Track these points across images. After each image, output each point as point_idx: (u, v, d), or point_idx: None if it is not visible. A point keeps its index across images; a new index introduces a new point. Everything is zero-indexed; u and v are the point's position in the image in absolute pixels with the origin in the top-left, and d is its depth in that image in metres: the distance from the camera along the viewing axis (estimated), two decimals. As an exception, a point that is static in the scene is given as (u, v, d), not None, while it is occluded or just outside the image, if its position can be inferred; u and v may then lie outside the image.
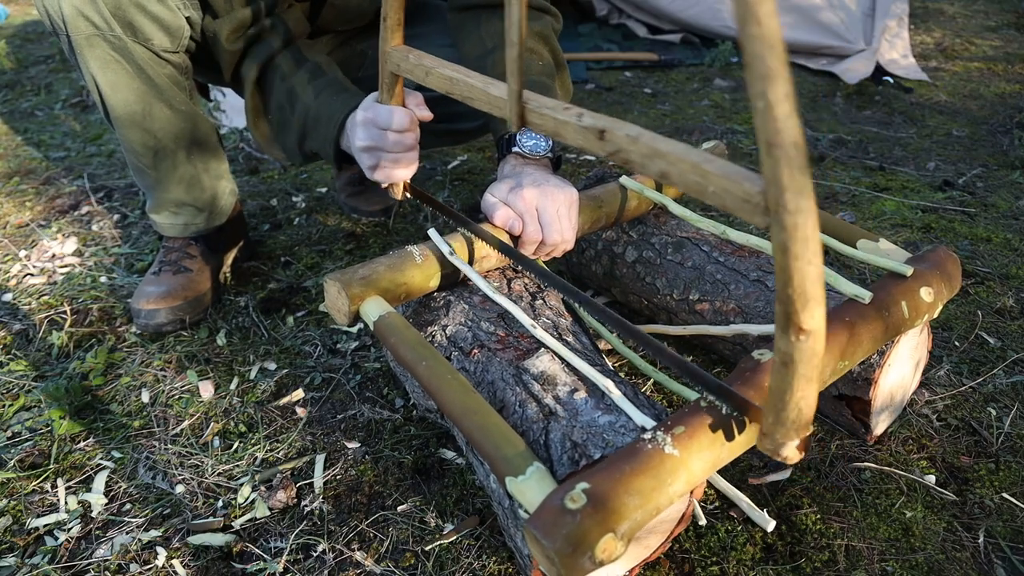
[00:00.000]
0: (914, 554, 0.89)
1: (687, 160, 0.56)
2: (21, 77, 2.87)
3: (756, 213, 0.50)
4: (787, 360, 0.54)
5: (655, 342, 0.78)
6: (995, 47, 3.15)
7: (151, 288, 1.33)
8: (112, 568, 0.91)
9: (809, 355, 0.53)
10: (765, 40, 0.42)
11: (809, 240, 0.47)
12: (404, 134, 1.00)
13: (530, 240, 1.01)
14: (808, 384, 0.55)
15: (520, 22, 0.67)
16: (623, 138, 0.61)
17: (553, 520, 0.59)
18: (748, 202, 0.51)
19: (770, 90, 0.43)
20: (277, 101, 1.17)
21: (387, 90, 0.99)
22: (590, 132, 0.64)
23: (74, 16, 1.06)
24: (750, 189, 0.50)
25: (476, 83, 0.80)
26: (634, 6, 3.24)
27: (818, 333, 0.51)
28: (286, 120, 1.17)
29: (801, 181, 0.45)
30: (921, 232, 1.62)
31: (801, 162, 0.45)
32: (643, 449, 0.65)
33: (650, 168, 0.59)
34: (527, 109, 0.72)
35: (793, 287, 0.49)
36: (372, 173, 1.05)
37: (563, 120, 0.68)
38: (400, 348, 0.83)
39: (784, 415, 0.58)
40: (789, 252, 0.47)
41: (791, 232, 0.47)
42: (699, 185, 0.55)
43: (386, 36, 0.92)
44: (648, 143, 0.59)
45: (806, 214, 0.46)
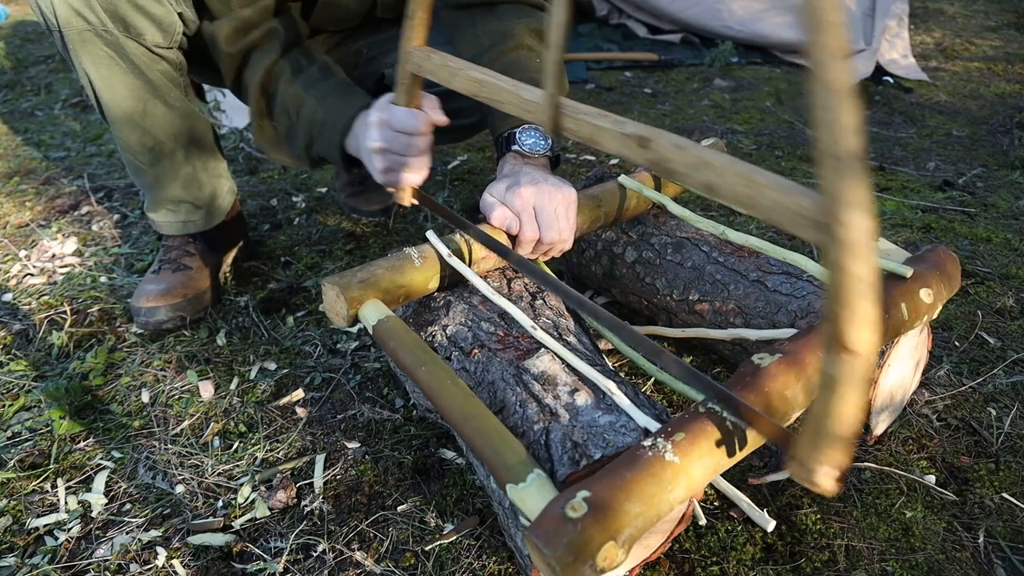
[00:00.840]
0: (914, 554, 0.89)
1: (736, 171, 0.54)
2: (21, 77, 2.87)
3: (809, 228, 0.49)
4: (830, 383, 0.51)
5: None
6: (995, 47, 3.15)
7: (151, 286, 1.33)
8: (112, 568, 0.91)
9: (857, 377, 0.50)
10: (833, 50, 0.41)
11: (865, 257, 0.45)
12: (418, 137, 0.98)
13: (527, 239, 1.01)
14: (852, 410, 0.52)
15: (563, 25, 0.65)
16: (668, 147, 0.59)
17: (554, 528, 0.59)
18: (802, 216, 0.49)
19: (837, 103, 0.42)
20: (282, 106, 1.15)
21: (405, 91, 0.95)
22: (631, 140, 0.62)
23: (67, 13, 1.06)
24: (805, 204, 0.49)
25: (507, 86, 0.78)
26: (634, 6, 3.24)
27: (867, 356, 0.49)
28: (292, 125, 1.16)
29: (861, 196, 0.44)
30: (921, 232, 1.62)
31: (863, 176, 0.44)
32: (643, 456, 0.64)
33: (695, 179, 0.57)
34: (563, 114, 0.70)
35: (845, 305, 0.47)
36: (383, 176, 1.03)
37: (600, 127, 0.65)
38: (400, 352, 0.83)
39: (823, 441, 0.55)
40: (844, 270, 0.46)
41: (848, 249, 0.45)
42: (749, 198, 0.53)
43: (409, 35, 0.88)
44: (694, 153, 0.57)
45: (863, 230, 0.45)
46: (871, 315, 0.47)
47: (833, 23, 0.41)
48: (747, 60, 2.94)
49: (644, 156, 0.61)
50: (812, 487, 0.58)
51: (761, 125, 2.32)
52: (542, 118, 0.71)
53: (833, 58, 0.41)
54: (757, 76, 2.78)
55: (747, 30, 2.93)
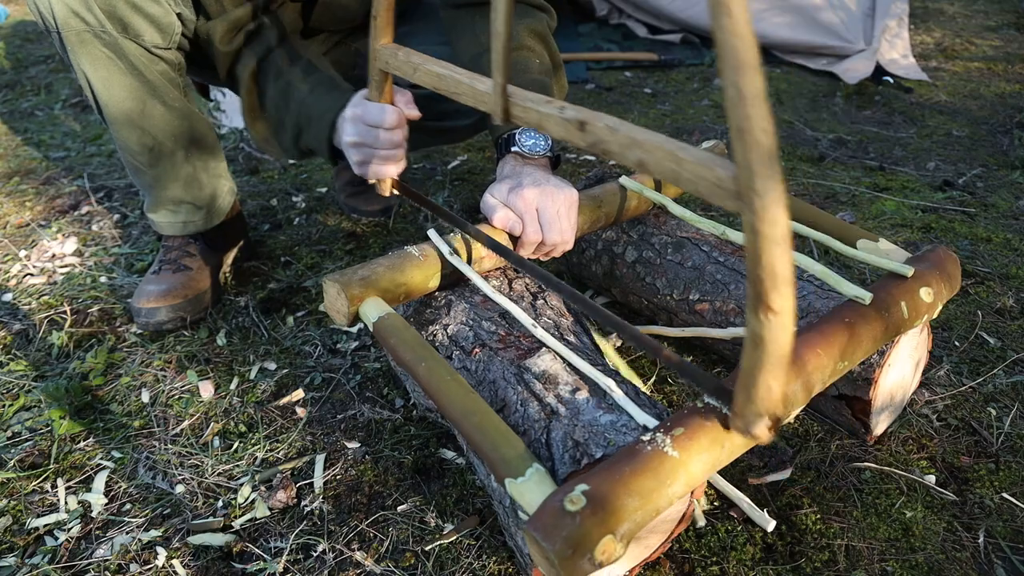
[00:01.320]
0: (914, 554, 0.89)
1: (662, 148, 0.58)
2: (21, 77, 2.87)
3: (728, 198, 0.52)
4: (757, 339, 0.55)
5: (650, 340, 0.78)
6: (995, 47, 3.15)
7: (151, 287, 1.33)
8: (112, 568, 0.91)
9: (778, 334, 0.54)
10: (736, 30, 0.44)
11: (778, 222, 0.49)
12: (392, 131, 1.02)
13: (529, 241, 1.01)
14: (778, 363, 0.56)
15: (506, 14, 0.69)
16: (602, 129, 0.63)
17: (553, 522, 0.59)
18: (720, 187, 0.53)
19: (741, 78, 0.45)
20: (272, 99, 1.18)
21: (376, 87, 1.00)
22: (571, 124, 0.66)
23: (65, 14, 1.06)
24: (722, 175, 0.52)
25: (463, 79, 0.82)
26: (634, 6, 3.24)
27: (787, 313, 0.52)
28: (281, 118, 1.18)
29: (770, 165, 0.47)
30: (921, 232, 1.62)
31: (770, 147, 0.47)
32: (642, 451, 0.65)
33: (628, 157, 0.61)
34: (511, 103, 0.74)
35: (763, 267, 0.50)
36: (359, 169, 1.07)
37: (545, 113, 0.70)
38: (400, 349, 0.83)
39: (754, 393, 0.59)
40: (759, 233, 0.49)
41: (760, 214, 0.48)
42: (674, 172, 0.57)
43: (375, 34, 0.93)
44: (626, 133, 0.61)
45: (775, 197, 0.48)
46: (787, 275, 0.51)
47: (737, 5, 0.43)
48: (747, 60, 2.94)
49: (583, 139, 0.65)
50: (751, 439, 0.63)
51: (761, 125, 2.31)
52: (493, 107, 0.75)
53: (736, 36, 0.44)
54: (757, 76, 2.78)
55: (747, 30, 2.93)
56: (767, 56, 2.96)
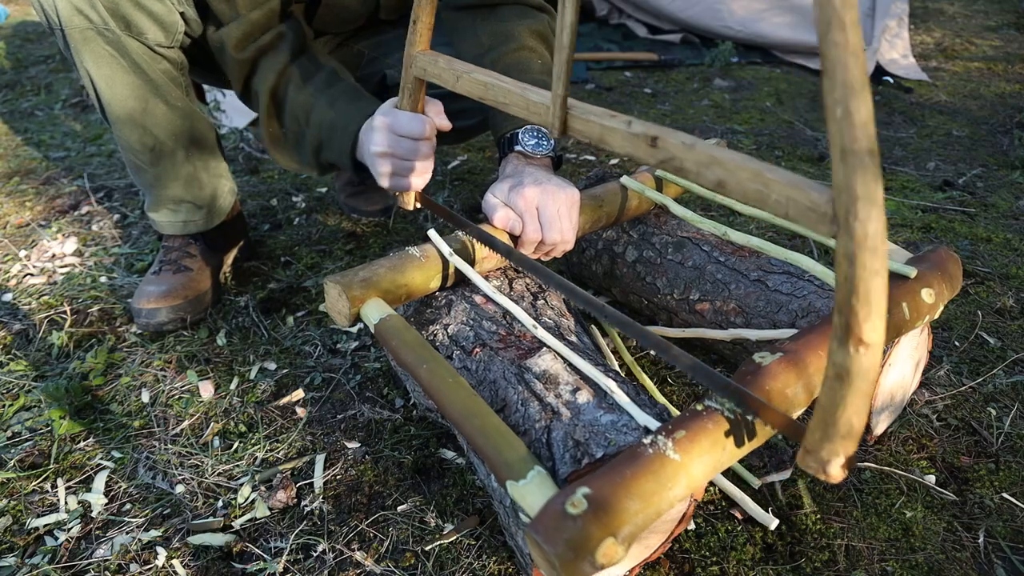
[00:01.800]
0: (914, 554, 0.89)
1: (747, 168, 0.54)
2: (21, 77, 2.87)
3: (823, 222, 0.50)
4: (842, 373, 0.52)
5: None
6: (995, 47, 3.15)
7: (151, 287, 1.33)
8: (112, 568, 0.91)
9: (867, 369, 0.51)
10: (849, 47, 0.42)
11: (879, 251, 0.46)
12: (421, 142, 0.99)
13: (529, 240, 1.01)
14: (862, 400, 0.53)
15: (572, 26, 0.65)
16: (677, 146, 0.59)
17: (554, 525, 0.59)
18: (814, 211, 0.50)
19: (851, 98, 0.43)
20: (291, 113, 1.15)
21: (409, 95, 0.96)
22: (640, 139, 0.63)
23: (69, 12, 1.07)
24: (817, 198, 0.50)
25: (513, 89, 0.78)
26: (634, 6, 3.24)
27: (877, 347, 0.50)
28: (301, 132, 1.16)
29: (874, 190, 0.45)
30: (921, 232, 1.62)
31: (876, 172, 0.45)
32: (644, 453, 0.65)
33: (706, 177, 0.58)
34: (571, 115, 0.70)
35: (858, 297, 0.48)
36: (384, 180, 1.03)
37: (610, 127, 0.66)
38: (401, 351, 0.83)
39: (834, 431, 0.55)
40: (857, 262, 0.47)
41: (861, 241, 0.46)
42: (760, 194, 0.54)
43: (413, 39, 0.89)
44: (704, 151, 0.58)
45: (877, 224, 0.46)
46: (883, 308, 0.48)
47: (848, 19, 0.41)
48: (747, 60, 2.94)
49: (654, 155, 0.62)
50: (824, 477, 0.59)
51: (761, 125, 2.32)
52: (550, 120, 0.72)
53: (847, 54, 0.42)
54: (757, 76, 2.78)
55: (747, 30, 2.93)
56: (767, 56, 2.97)
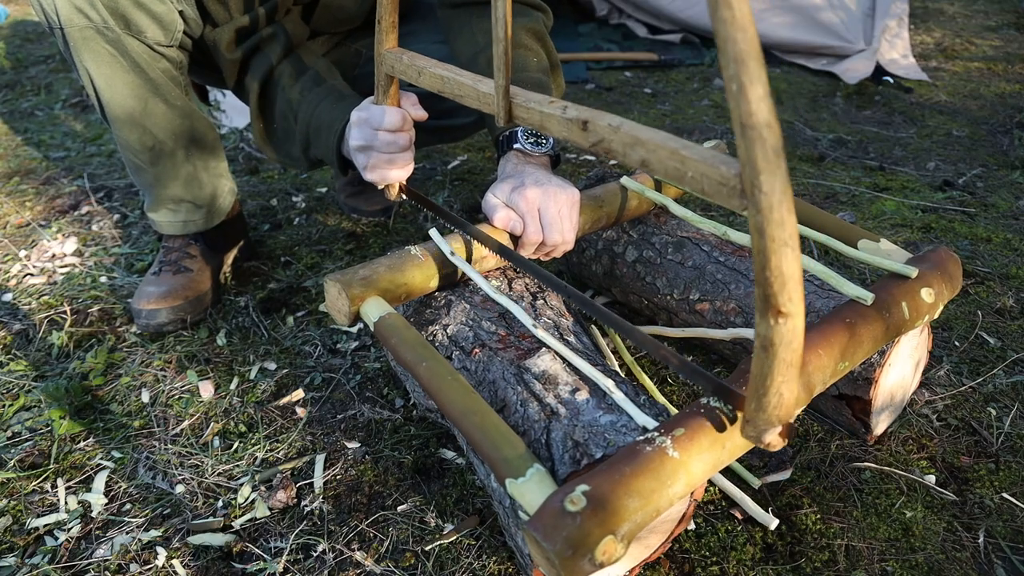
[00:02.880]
0: (914, 554, 0.89)
1: (666, 147, 0.57)
2: (21, 77, 2.87)
3: (733, 196, 0.51)
4: (767, 344, 0.53)
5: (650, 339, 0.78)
6: (995, 47, 3.15)
7: (151, 288, 1.33)
8: (112, 568, 0.91)
9: (789, 338, 0.52)
10: (737, 23, 0.43)
11: (785, 222, 0.47)
12: (397, 134, 1.01)
13: (530, 241, 1.01)
14: (789, 368, 0.54)
15: (505, 18, 0.70)
16: (605, 128, 0.62)
17: (553, 522, 0.59)
18: (725, 185, 0.51)
19: (743, 72, 0.43)
20: (280, 111, 1.18)
21: (382, 91, 1.00)
22: (574, 123, 0.66)
23: (69, 11, 1.07)
24: (726, 172, 0.51)
25: (466, 81, 0.82)
26: (634, 6, 3.24)
27: (797, 315, 0.51)
28: (289, 130, 1.18)
29: (775, 162, 0.45)
30: (921, 232, 1.62)
31: (775, 143, 0.45)
32: (643, 451, 0.65)
33: (631, 156, 0.60)
34: (514, 104, 0.74)
35: (771, 269, 0.48)
36: (366, 173, 1.06)
37: (548, 113, 0.70)
38: (400, 349, 0.83)
39: (765, 400, 0.57)
40: (765, 234, 0.47)
41: (766, 213, 0.47)
42: (678, 171, 0.56)
43: (381, 38, 0.93)
44: (628, 132, 0.60)
45: (781, 195, 0.46)
46: (796, 277, 0.49)
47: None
48: (747, 60, 2.94)
49: (586, 138, 0.65)
50: (763, 446, 0.60)
51: (761, 125, 2.31)
52: (496, 109, 0.76)
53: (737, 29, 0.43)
54: (757, 76, 2.78)
55: (747, 30, 2.93)
56: (767, 56, 2.96)
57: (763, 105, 0.44)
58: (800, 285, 0.49)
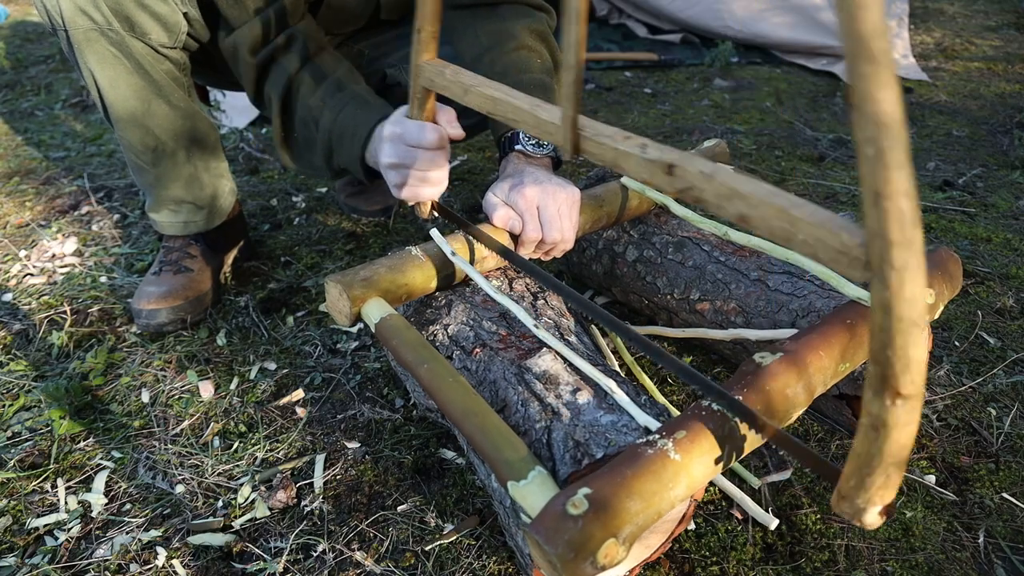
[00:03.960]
0: (914, 554, 0.89)
1: (772, 204, 0.51)
2: (21, 77, 2.87)
3: (855, 267, 0.46)
4: (879, 424, 0.49)
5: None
6: (995, 47, 3.15)
7: (152, 288, 1.32)
8: (112, 568, 0.91)
9: (905, 421, 0.49)
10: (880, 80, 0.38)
11: (916, 300, 0.43)
12: (434, 152, 0.96)
13: (529, 240, 1.01)
14: (901, 451, 0.51)
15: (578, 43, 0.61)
16: (696, 175, 0.56)
17: (555, 525, 0.59)
18: (846, 255, 0.47)
19: (884, 136, 0.39)
20: (301, 119, 1.15)
21: (418, 105, 0.93)
22: (656, 166, 0.59)
23: (73, 12, 1.07)
24: (848, 241, 0.46)
25: (523, 106, 0.74)
26: (634, 6, 3.24)
27: (917, 399, 0.47)
28: (311, 138, 1.15)
29: (911, 236, 0.42)
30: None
31: (913, 216, 0.41)
32: (644, 453, 0.65)
33: (727, 210, 0.54)
34: (582, 137, 0.66)
35: (894, 349, 0.45)
36: (398, 191, 1.01)
37: (624, 151, 0.62)
38: (401, 350, 0.83)
39: (869, 481, 0.54)
40: (893, 312, 0.44)
41: (896, 290, 0.43)
42: (785, 232, 0.50)
43: (419, 48, 0.86)
44: (724, 182, 0.54)
45: (914, 271, 0.42)
46: (921, 358, 0.46)
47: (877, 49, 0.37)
48: (747, 60, 2.94)
49: (671, 184, 0.58)
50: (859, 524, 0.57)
51: (761, 125, 2.32)
52: (560, 140, 0.69)
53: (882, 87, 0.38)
54: (757, 76, 2.78)
55: (747, 30, 2.93)
56: (767, 56, 2.97)
57: (903, 174, 0.40)
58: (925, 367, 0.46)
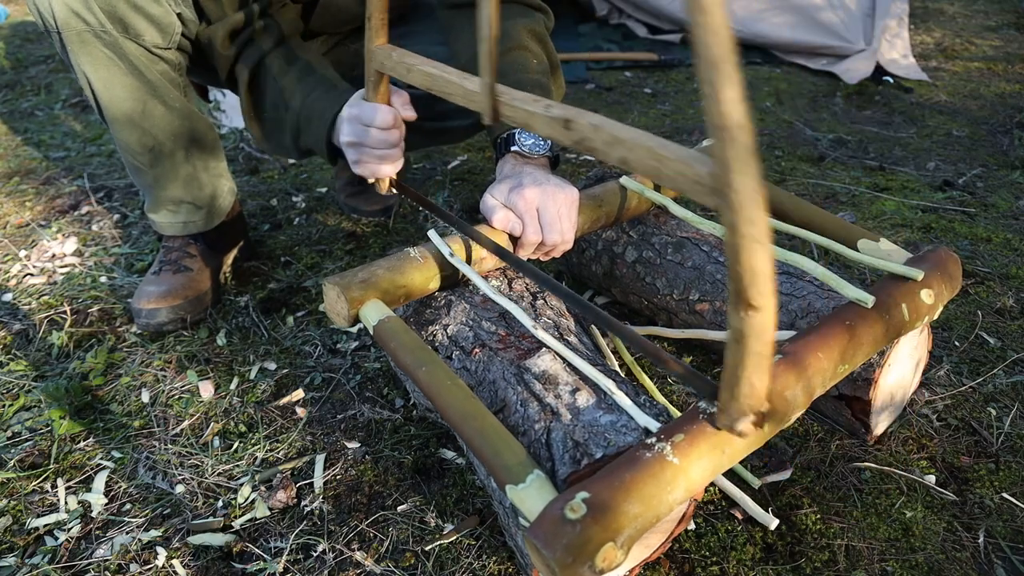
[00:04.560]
0: (914, 554, 0.89)
1: (644, 145, 0.58)
2: (21, 77, 2.87)
3: (707, 194, 0.52)
4: (739, 336, 0.55)
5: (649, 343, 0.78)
6: (995, 47, 3.15)
7: (151, 288, 1.33)
8: (112, 568, 0.91)
9: (760, 330, 0.54)
10: (711, 27, 0.44)
11: (756, 219, 0.48)
12: (388, 131, 1.03)
13: (529, 242, 1.01)
14: (760, 360, 0.56)
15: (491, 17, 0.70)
16: (586, 126, 0.64)
17: (553, 530, 0.59)
18: (699, 183, 0.53)
19: (716, 75, 0.45)
20: (271, 100, 1.18)
21: (372, 88, 1.01)
22: (557, 122, 0.67)
23: (66, 15, 1.06)
24: (701, 171, 0.52)
25: (453, 78, 0.82)
26: (634, 6, 3.24)
27: (768, 310, 0.52)
28: (280, 118, 1.19)
29: (747, 161, 0.47)
30: (921, 232, 1.62)
31: (747, 143, 0.46)
32: (643, 457, 0.64)
33: (611, 155, 0.61)
34: (500, 102, 0.75)
35: (741, 264, 0.50)
36: (356, 168, 1.08)
37: (532, 111, 0.71)
38: (400, 353, 0.83)
39: (738, 390, 0.59)
40: (737, 230, 0.49)
41: (738, 211, 0.48)
42: (656, 169, 0.57)
43: (371, 35, 0.94)
44: (609, 131, 0.61)
45: (752, 193, 0.48)
46: (767, 272, 0.51)
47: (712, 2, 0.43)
48: (747, 60, 2.94)
49: (569, 137, 0.66)
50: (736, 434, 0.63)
51: (761, 125, 2.32)
52: (483, 107, 0.76)
53: (711, 32, 0.44)
54: (757, 76, 2.78)
55: (747, 30, 2.93)
56: (767, 56, 2.96)
57: (736, 107, 0.45)
58: (771, 280, 0.51)
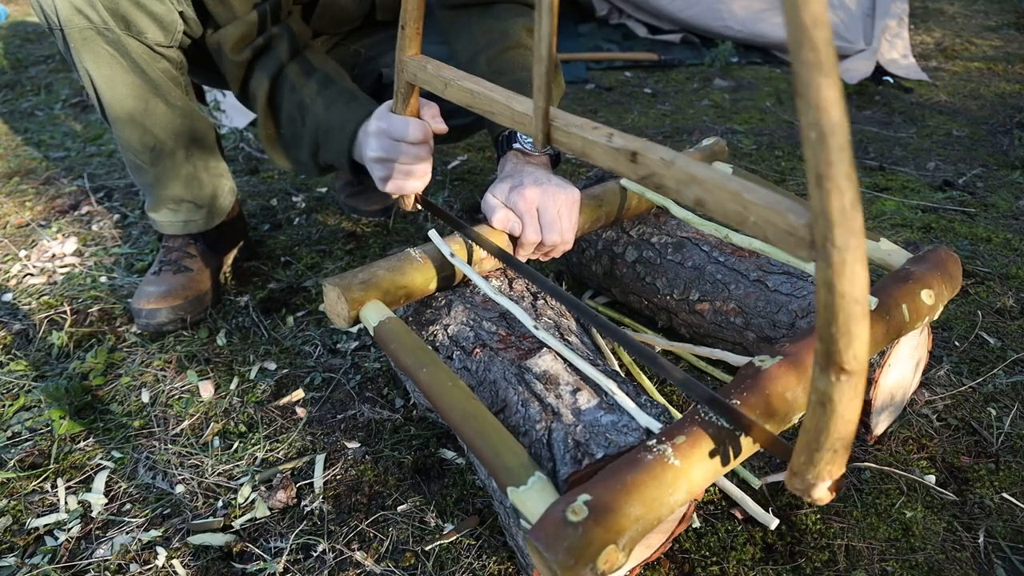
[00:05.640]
0: (914, 554, 0.89)
1: (726, 188, 0.53)
2: (21, 77, 2.87)
3: (801, 247, 0.48)
4: (825, 400, 0.51)
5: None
6: (995, 47, 3.15)
7: (151, 288, 1.32)
8: (112, 568, 0.91)
9: (851, 396, 0.50)
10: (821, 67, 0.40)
11: (857, 278, 0.45)
12: (418, 146, 0.99)
13: (529, 242, 1.01)
14: (846, 426, 0.52)
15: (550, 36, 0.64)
16: (656, 162, 0.59)
17: (555, 532, 0.59)
18: (792, 235, 0.49)
19: (823, 120, 0.41)
20: (288, 114, 1.15)
21: (402, 100, 0.96)
22: (621, 154, 0.62)
23: (69, 12, 1.06)
24: (795, 222, 0.48)
25: (499, 98, 0.77)
26: (634, 6, 3.24)
27: (860, 374, 0.49)
28: (297, 133, 1.16)
29: (852, 216, 0.43)
30: (921, 232, 1.62)
31: (853, 196, 0.43)
32: (644, 459, 0.64)
33: (685, 194, 0.57)
34: (554, 127, 0.70)
35: (837, 326, 0.47)
36: (383, 184, 1.03)
37: (591, 140, 0.65)
38: (400, 354, 0.83)
39: (818, 456, 0.55)
40: (835, 290, 0.46)
41: (838, 269, 0.45)
42: (738, 215, 0.52)
43: (403, 44, 0.89)
44: (683, 168, 0.56)
45: (855, 251, 0.44)
46: (863, 335, 0.47)
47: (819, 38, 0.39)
48: (747, 60, 2.94)
49: (634, 171, 0.61)
50: (809, 499, 0.59)
51: (761, 125, 2.32)
52: (533, 130, 0.72)
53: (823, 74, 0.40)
54: (757, 76, 2.78)
55: (747, 30, 2.93)
56: (767, 56, 2.96)
57: (843, 156, 0.42)
58: (867, 344, 0.48)
